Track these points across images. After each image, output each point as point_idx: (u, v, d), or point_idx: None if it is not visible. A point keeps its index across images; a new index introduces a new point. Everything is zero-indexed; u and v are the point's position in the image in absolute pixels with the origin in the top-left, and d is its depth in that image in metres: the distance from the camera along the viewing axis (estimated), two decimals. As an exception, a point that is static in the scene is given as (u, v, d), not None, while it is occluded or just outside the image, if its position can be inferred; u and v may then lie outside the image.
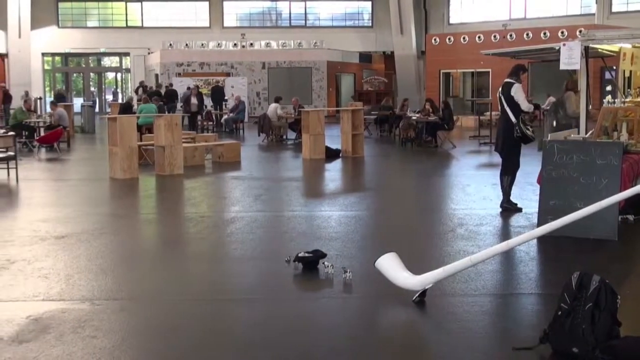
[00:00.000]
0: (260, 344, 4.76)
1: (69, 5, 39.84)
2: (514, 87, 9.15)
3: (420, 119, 19.55)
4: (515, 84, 9.19)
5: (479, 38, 32.79)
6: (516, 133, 9.11)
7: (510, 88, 9.16)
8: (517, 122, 9.08)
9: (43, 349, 4.62)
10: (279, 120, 21.87)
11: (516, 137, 9.15)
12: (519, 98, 9.11)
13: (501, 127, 9.42)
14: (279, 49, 36.07)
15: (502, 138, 9.36)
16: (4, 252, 7.29)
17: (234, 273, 6.70)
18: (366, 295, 5.87)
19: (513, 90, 9.13)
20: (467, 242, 7.61)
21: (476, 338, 4.81)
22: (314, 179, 13.93)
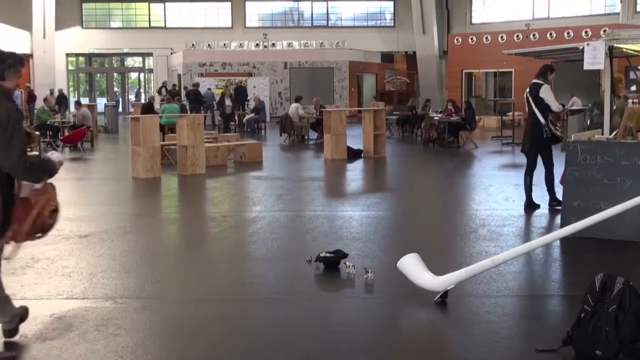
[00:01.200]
0: (282, 344, 4.77)
1: (93, 6, 40.14)
2: (543, 87, 9.13)
3: (442, 119, 19.49)
4: (543, 84, 9.17)
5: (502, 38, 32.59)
6: (546, 134, 9.10)
7: (539, 89, 9.14)
8: (546, 122, 9.07)
9: (67, 346, 4.66)
10: (301, 120, 21.89)
11: (545, 138, 9.11)
12: (549, 99, 9.09)
13: (529, 128, 9.40)
14: (301, 49, 36.09)
15: (530, 139, 9.33)
16: (28, 250, 7.35)
17: (256, 273, 6.72)
18: (388, 296, 5.86)
19: (542, 91, 9.11)
20: (489, 243, 7.57)
21: (498, 339, 4.78)
22: (335, 179, 13.93)
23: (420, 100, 28.56)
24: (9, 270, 6.53)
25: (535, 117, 9.18)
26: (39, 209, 4.33)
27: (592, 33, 28.32)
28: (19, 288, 6.00)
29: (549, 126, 9.08)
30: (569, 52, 12.64)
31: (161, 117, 17.30)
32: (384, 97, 32.67)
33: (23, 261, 6.87)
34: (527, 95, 9.31)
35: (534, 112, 9.19)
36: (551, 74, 9.33)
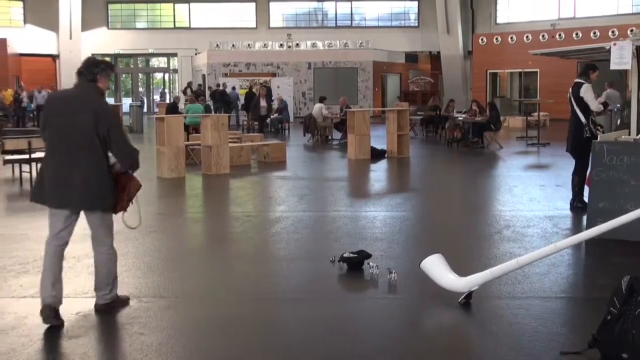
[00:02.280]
0: (306, 344, 4.77)
1: (119, 7, 40.47)
2: (583, 87, 9.11)
3: (466, 120, 19.40)
4: (584, 84, 9.15)
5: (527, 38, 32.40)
6: (585, 133, 9.09)
7: (580, 88, 9.11)
8: (586, 122, 9.05)
9: (92, 344, 4.71)
10: (324, 121, 21.89)
11: (585, 138, 9.07)
12: (588, 98, 9.07)
13: (571, 127, 9.40)
14: (324, 49, 36.11)
15: (572, 138, 9.33)
16: (54, 249, 7.42)
17: (279, 273, 6.73)
18: (411, 297, 5.85)
19: (582, 90, 9.09)
20: (513, 244, 7.52)
21: (523, 341, 4.75)
22: (359, 179, 13.91)
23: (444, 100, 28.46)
24: (35, 268, 6.61)
25: (576, 116, 9.20)
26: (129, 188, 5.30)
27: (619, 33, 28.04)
28: (45, 286, 6.06)
29: (589, 126, 9.06)
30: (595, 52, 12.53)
31: (185, 117, 17.39)
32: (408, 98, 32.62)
33: (49, 260, 6.94)
34: (569, 95, 9.30)
35: (575, 112, 9.20)
36: (593, 72, 9.29)
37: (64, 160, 5.06)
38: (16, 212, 10.23)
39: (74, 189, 5.05)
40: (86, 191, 5.06)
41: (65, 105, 5.16)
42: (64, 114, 5.08)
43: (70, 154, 5.05)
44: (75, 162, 5.04)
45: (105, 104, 5.29)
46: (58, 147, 5.10)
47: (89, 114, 5.01)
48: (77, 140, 5.04)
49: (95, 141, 5.03)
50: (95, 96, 5.14)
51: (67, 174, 5.04)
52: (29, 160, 12.44)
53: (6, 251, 7.33)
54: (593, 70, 9.31)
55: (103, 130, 5.02)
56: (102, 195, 5.13)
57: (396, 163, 15.83)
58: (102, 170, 5.10)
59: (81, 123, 5.02)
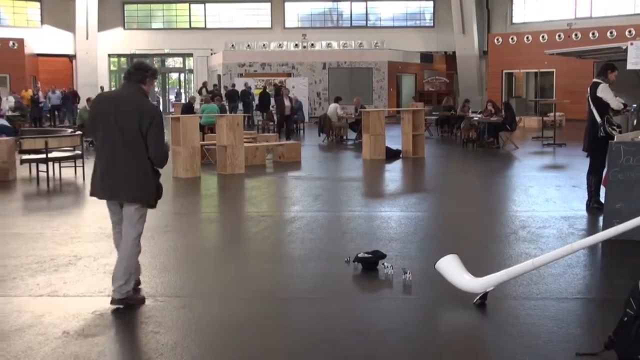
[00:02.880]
0: (320, 344, 4.78)
1: (135, 8, 40.65)
2: (600, 86, 9.08)
3: (482, 120, 19.34)
4: (601, 83, 9.12)
5: (543, 37, 32.26)
6: (600, 132, 9.04)
7: (597, 88, 9.08)
8: (602, 122, 9.01)
9: (108, 343, 4.73)
10: (339, 121, 21.89)
11: (600, 137, 9.03)
12: (608, 97, 9.04)
13: (587, 127, 9.38)
14: (339, 49, 36.10)
15: (588, 138, 9.30)
16: (70, 248, 7.48)
17: (294, 273, 6.74)
18: (426, 297, 5.83)
19: (599, 90, 9.06)
20: (529, 245, 7.49)
21: (538, 342, 4.73)
22: (374, 179, 13.90)
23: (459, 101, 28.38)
24: (52, 267, 6.66)
25: (592, 115, 9.16)
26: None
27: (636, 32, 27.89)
28: (61, 285, 6.11)
29: (604, 125, 9.02)
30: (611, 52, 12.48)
31: (201, 117, 17.45)
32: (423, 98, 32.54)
33: (66, 259, 6.99)
34: (587, 95, 9.27)
35: (591, 111, 9.17)
36: (612, 72, 9.25)
37: (111, 156, 5.44)
38: (33, 212, 10.31)
39: (119, 183, 5.44)
40: (130, 185, 5.44)
41: (112, 105, 5.49)
42: (111, 114, 5.42)
43: (117, 151, 5.41)
44: (121, 158, 5.41)
45: (149, 104, 5.62)
46: (106, 144, 5.46)
47: (134, 114, 5.38)
48: (122, 138, 5.39)
49: (139, 139, 5.39)
50: (140, 97, 5.51)
51: (114, 170, 5.43)
52: (45, 160, 12.52)
53: (23, 250, 7.39)
54: (611, 70, 9.27)
55: (145, 128, 5.38)
56: (144, 189, 5.51)
57: (411, 163, 15.80)
58: (145, 167, 5.48)
59: (126, 122, 5.37)
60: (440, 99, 31.41)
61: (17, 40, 34.89)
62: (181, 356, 4.53)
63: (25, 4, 38.48)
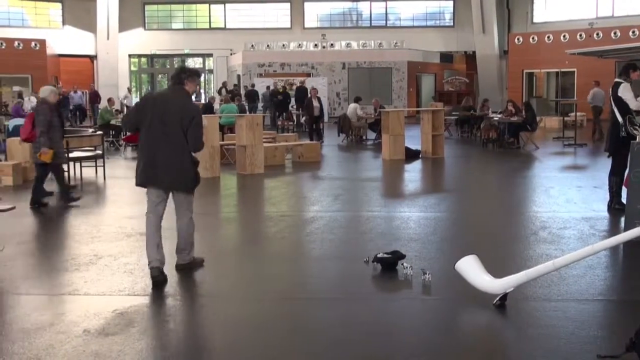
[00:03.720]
0: (339, 344, 4.77)
1: (155, 8, 40.86)
2: (621, 86, 9.02)
3: (502, 120, 19.24)
4: (622, 83, 9.05)
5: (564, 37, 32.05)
6: (622, 132, 8.97)
7: (618, 88, 9.02)
8: (623, 121, 8.94)
9: (128, 342, 4.76)
10: (359, 121, 21.87)
11: (622, 137, 8.96)
12: (627, 97, 8.98)
13: (609, 127, 9.32)
14: (359, 49, 36.07)
15: (610, 138, 9.23)
16: (91, 247, 7.54)
17: (313, 272, 6.74)
18: (445, 298, 5.82)
19: (620, 89, 9.01)
20: (550, 246, 7.44)
21: (559, 344, 4.70)
22: (393, 179, 13.88)
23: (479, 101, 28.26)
24: (73, 266, 6.71)
25: (614, 115, 9.10)
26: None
27: (658, 32, 27.60)
28: (82, 284, 6.15)
29: (625, 125, 8.94)
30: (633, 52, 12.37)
31: (220, 117, 17.50)
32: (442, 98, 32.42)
33: (86, 258, 7.04)
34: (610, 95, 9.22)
35: (613, 111, 9.11)
36: (634, 72, 9.17)
37: (155, 149, 6.16)
38: (54, 211, 10.38)
39: (162, 173, 6.17)
40: (172, 175, 6.21)
41: (158, 104, 6.24)
42: (158, 112, 6.15)
43: (160, 145, 6.13)
44: (164, 151, 6.13)
45: (190, 102, 6.37)
46: (150, 138, 6.18)
47: (176, 111, 6.13)
48: (166, 134, 6.11)
49: (180, 134, 6.13)
50: (182, 97, 6.26)
51: (157, 161, 6.15)
52: (67, 160, 12.60)
53: (44, 249, 7.46)
54: (634, 69, 9.19)
55: (186, 123, 6.12)
56: (184, 178, 6.28)
57: (431, 163, 15.76)
58: (185, 158, 6.22)
59: (170, 120, 6.11)
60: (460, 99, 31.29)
61: (39, 41, 35.20)
62: (201, 355, 4.55)
63: (47, 5, 38.80)
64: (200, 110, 6.52)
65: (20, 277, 6.43)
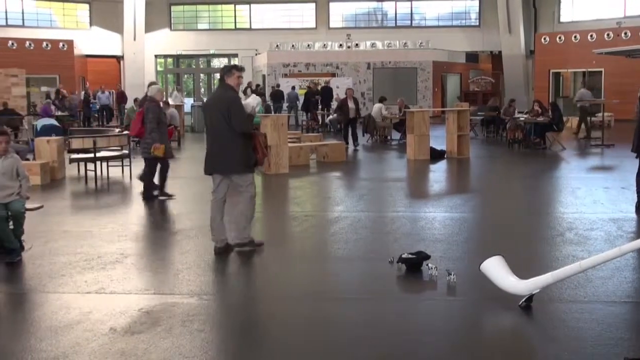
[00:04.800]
0: (364, 344, 4.77)
1: (181, 9, 41.06)
2: None
3: (528, 120, 19.10)
4: None
5: (591, 37, 31.74)
6: None
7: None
8: None
9: (154, 340, 4.79)
10: (384, 121, 21.83)
11: None
12: None
13: (637, 127, 9.22)
14: (384, 49, 35.98)
15: (638, 138, 9.14)
16: (118, 246, 7.60)
17: (338, 272, 6.74)
18: (471, 299, 5.79)
19: None
20: (576, 247, 7.38)
21: (586, 346, 4.66)
22: (418, 179, 13.84)
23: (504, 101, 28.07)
24: (99, 264, 6.77)
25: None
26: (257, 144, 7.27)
27: (688, 31, 27.25)
28: (108, 282, 6.21)
29: None
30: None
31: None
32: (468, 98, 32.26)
33: (113, 256, 7.10)
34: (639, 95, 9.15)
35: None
36: None
37: (210, 141, 7.28)
38: (81, 210, 10.49)
39: (217, 160, 7.17)
40: (225, 160, 7.12)
41: (211, 101, 7.47)
42: (211, 107, 7.27)
43: (215, 135, 7.20)
44: (217, 140, 7.17)
45: (230, 94, 7.18)
46: (209, 131, 7.32)
47: (223, 105, 7.05)
48: (217, 124, 7.10)
49: (224, 124, 7.02)
50: (226, 92, 7.18)
51: (214, 150, 7.21)
52: (94, 159, 12.73)
53: (71, 248, 7.52)
54: None
55: (227, 112, 6.98)
56: (236, 162, 7.10)
57: (456, 164, 15.68)
58: (235, 146, 7.06)
59: (219, 112, 7.05)
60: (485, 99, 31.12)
61: (66, 41, 35.52)
62: (225, 354, 4.57)
63: (75, 6, 39.16)
64: (236, 97, 7.25)
65: (48, 275, 6.50)
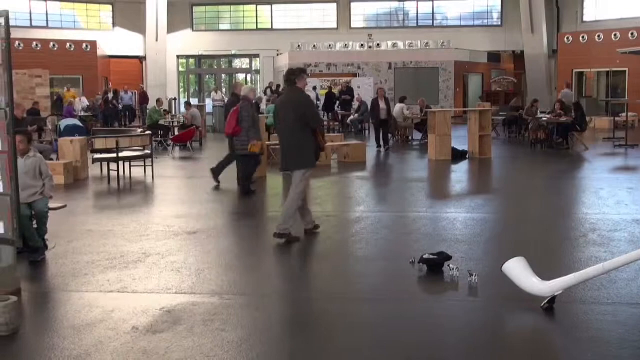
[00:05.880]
0: (384, 344, 4.76)
1: (203, 10, 41.21)
2: None
3: (551, 120, 18.96)
4: None
5: (615, 36, 31.45)
6: None
7: None
8: None
9: (175, 339, 4.81)
10: (405, 121, 21.78)
11: None
12: None
13: None
14: (405, 50, 35.89)
15: None
16: (140, 246, 7.65)
17: (359, 273, 6.74)
18: (492, 300, 5.76)
19: None
20: (599, 249, 7.32)
21: (609, 349, 4.61)
22: (439, 180, 13.79)
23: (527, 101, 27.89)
24: (121, 264, 6.82)
25: None
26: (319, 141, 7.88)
27: None
28: (130, 281, 6.25)
29: None
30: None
31: (267, 118, 17.58)
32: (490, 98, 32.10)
33: (135, 256, 7.15)
34: None
35: None
36: None
37: (283, 138, 7.88)
38: (104, 209, 10.57)
39: (287, 157, 7.81)
40: (293, 157, 7.74)
41: (282, 102, 8.02)
42: (286, 107, 7.78)
43: (286, 134, 7.81)
44: (288, 139, 7.77)
45: (302, 96, 7.93)
46: (280, 130, 7.98)
47: (294, 105, 7.67)
48: (288, 124, 7.69)
49: (298, 123, 7.61)
50: (297, 93, 7.83)
51: (284, 148, 7.84)
52: (116, 159, 12.81)
53: (94, 247, 7.58)
54: None
55: (302, 112, 7.61)
56: (303, 159, 7.72)
57: (478, 164, 15.61)
58: (303, 143, 7.67)
59: (290, 112, 7.65)
60: (507, 99, 30.95)
61: (90, 42, 35.79)
62: (247, 353, 4.58)
63: (98, 7, 39.43)
64: (309, 97, 8.10)
65: (71, 274, 6.55)
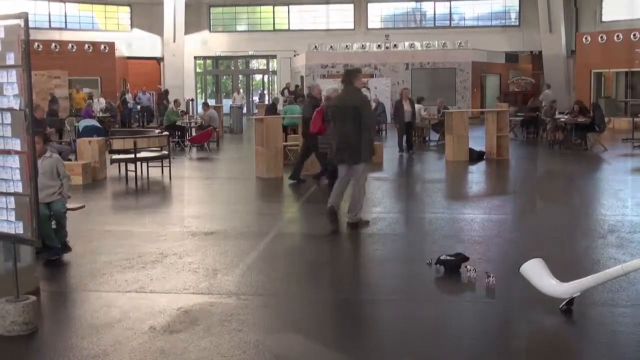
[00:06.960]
0: (401, 345, 4.76)
1: (220, 11, 41.33)
2: None
3: (569, 121, 18.85)
4: None
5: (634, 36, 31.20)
6: None
7: None
8: None
9: (192, 339, 4.83)
10: (422, 122, 21.73)
11: None
12: None
13: None
14: (422, 50, 35.80)
15: None
16: (157, 246, 7.68)
17: (376, 273, 6.73)
18: (510, 301, 5.73)
19: None
20: (618, 250, 7.26)
21: (628, 351, 4.58)
22: (457, 181, 13.74)
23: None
24: (139, 264, 6.85)
25: None
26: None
27: None
28: (148, 282, 6.28)
29: None
30: None
31: (283, 118, 17.60)
32: (507, 98, 31.94)
33: (152, 256, 7.18)
34: None
35: None
36: None
37: (341, 134, 8.34)
38: (122, 210, 10.62)
39: (346, 152, 8.29)
40: (352, 152, 8.23)
41: (340, 101, 8.69)
42: (341, 106, 8.50)
43: (344, 130, 8.29)
44: (347, 134, 8.25)
45: (361, 95, 8.72)
46: (337, 126, 8.47)
47: (354, 103, 8.28)
48: (347, 120, 8.22)
49: (357, 120, 8.15)
50: (356, 92, 8.57)
51: (343, 142, 8.30)
52: (134, 160, 12.87)
53: (112, 247, 7.62)
54: None
55: (359, 111, 8.14)
56: (362, 154, 8.22)
57: (495, 165, 15.54)
58: (361, 139, 8.14)
59: (349, 109, 8.24)
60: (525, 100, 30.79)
61: (108, 43, 35.99)
62: (263, 354, 4.59)
63: (116, 8, 39.65)
64: (366, 97, 8.67)
65: (89, 274, 6.60)
